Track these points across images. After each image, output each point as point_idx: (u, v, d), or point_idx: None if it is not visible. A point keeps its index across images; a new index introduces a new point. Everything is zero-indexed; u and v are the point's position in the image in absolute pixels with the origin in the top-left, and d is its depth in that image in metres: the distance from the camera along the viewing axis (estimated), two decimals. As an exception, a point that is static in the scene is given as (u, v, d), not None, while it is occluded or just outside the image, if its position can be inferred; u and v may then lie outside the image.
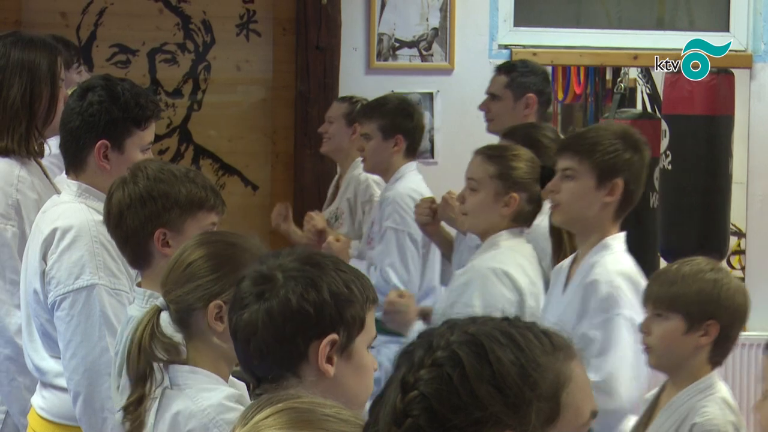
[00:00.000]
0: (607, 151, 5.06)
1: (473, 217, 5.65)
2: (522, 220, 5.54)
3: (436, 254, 6.78)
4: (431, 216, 5.75)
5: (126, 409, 3.54)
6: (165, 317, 3.59)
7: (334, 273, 3.10)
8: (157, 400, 3.52)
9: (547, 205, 5.34)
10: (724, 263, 9.17)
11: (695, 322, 4.38)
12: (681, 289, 4.45)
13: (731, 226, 9.00)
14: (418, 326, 5.43)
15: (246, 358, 3.14)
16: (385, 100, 7.59)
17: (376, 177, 7.47)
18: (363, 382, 3.21)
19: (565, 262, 5.34)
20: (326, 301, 3.04)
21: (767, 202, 9.09)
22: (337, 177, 7.73)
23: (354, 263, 6.05)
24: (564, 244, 5.52)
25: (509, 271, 5.38)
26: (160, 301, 3.60)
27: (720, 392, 4.48)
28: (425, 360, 2.09)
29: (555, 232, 5.53)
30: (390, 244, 7.04)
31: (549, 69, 9.43)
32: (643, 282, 4.95)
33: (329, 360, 3.01)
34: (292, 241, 7.58)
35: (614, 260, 5.02)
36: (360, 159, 7.49)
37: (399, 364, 2.15)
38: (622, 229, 5.23)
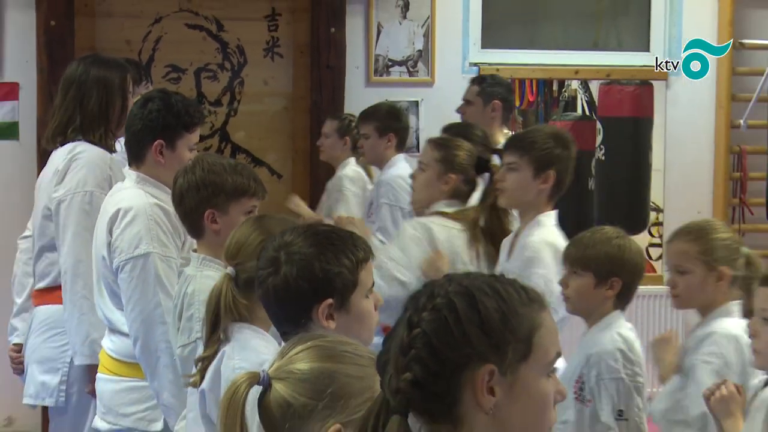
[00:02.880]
0: (542, 148, 5.24)
1: (418, 192, 5.77)
2: (458, 197, 5.56)
3: None
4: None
5: (200, 359, 3.69)
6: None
7: (328, 250, 3.24)
8: (220, 353, 3.60)
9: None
10: (645, 233, 9.44)
11: (602, 278, 4.59)
12: (592, 252, 4.65)
13: (651, 204, 9.38)
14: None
15: (271, 319, 3.38)
16: (378, 107, 7.82)
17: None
18: (365, 326, 3.31)
19: (510, 236, 5.41)
20: (318, 277, 3.19)
21: (680, 185, 9.37)
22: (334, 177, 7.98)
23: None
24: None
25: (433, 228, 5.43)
26: (230, 269, 3.67)
27: (618, 327, 4.65)
28: (427, 305, 2.18)
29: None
30: (385, 217, 7.22)
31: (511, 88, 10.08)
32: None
33: (330, 317, 3.19)
34: (304, 218, 7.46)
35: (543, 233, 5.22)
36: (348, 159, 7.90)
37: (407, 307, 2.24)
38: (558, 207, 5.38)
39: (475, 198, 5.68)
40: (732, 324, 4.30)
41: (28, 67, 8.29)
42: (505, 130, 7.54)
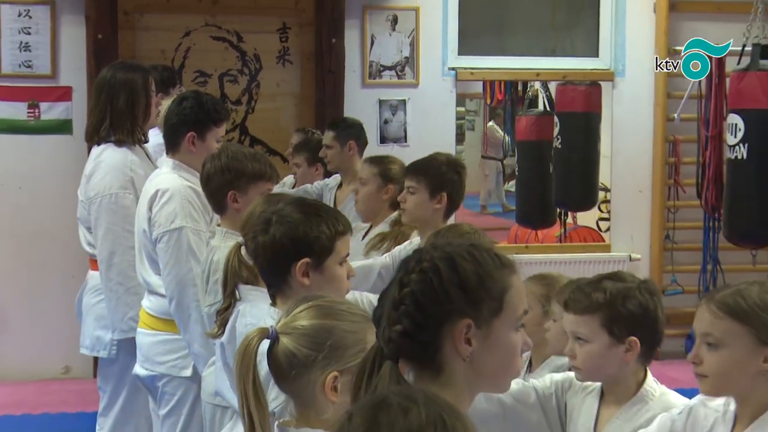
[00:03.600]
0: (436, 174, 5.05)
1: (362, 204, 5.62)
2: (397, 206, 5.28)
3: None
4: None
5: (218, 312, 3.68)
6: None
7: (312, 218, 3.27)
8: (235, 312, 3.56)
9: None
10: (596, 209, 9.54)
11: None
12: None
13: (600, 185, 9.38)
14: None
15: (259, 272, 3.42)
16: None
17: None
18: (335, 289, 3.27)
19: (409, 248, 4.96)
20: (299, 237, 3.23)
21: (624, 169, 9.36)
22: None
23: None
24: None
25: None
26: (240, 239, 3.65)
27: None
28: (415, 268, 2.19)
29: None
30: None
31: (481, 82, 9.95)
32: None
33: (306, 274, 3.21)
34: None
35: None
36: None
37: (399, 269, 2.25)
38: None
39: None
40: None
41: (79, 74, 8.28)
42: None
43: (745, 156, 7.84)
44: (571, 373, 3.41)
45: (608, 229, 9.49)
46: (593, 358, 3.25)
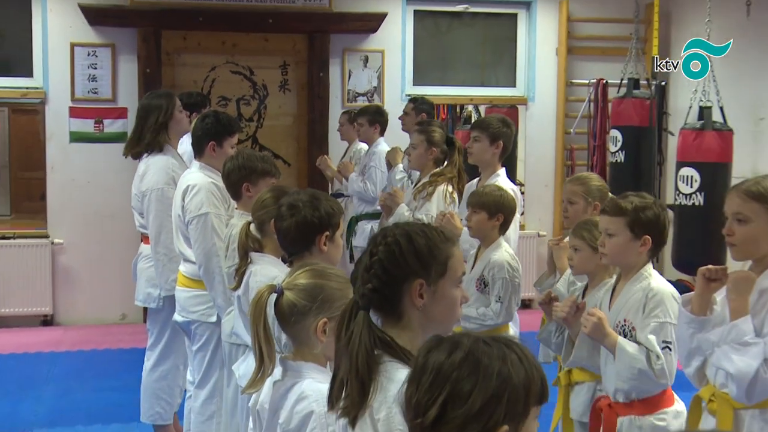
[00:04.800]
0: (494, 126, 5.17)
1: (414, 163, 5.61)
2: (440, 163, 5.39)
3: None
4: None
5: (237, 270, 3.70)
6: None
7: (325, 203, 3.29)
8: (248, 272, 3.63)
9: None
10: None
11: (493, 215, 4.35)
12: (486, 198, 4.38)
13: (518, 180, 8.85)
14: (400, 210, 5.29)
15: (283, 245, 3.39)
16: (369, 106, 7.88)
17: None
18: (339, 253, 3.34)
19: (474, 182, 5.34)
20: (323, 216, 3.24)
21: (534, 169, 9.29)
22: (347, 149, 7.86)
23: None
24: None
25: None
26: (249, 218, 3.74)
27: (505, 248, 4.43)
28: (382, 241, 2.18)
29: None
30: (375, 176, 7.09)
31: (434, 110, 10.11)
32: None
33: (325, 244, 3.23)
34: (326, 176, 7.77)
35: (500, 181, 4.99)
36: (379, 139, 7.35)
37: (369, 242, 2.24)
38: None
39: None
40: None
41: (132, 98, 8.20)
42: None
43: (623, 160, 7.93)
44: None
45: (523, 213, 9.39)
46: (617, 248, 3.32)
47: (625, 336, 3.25)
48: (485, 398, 1.62)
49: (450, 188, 5.25)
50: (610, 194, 4.25)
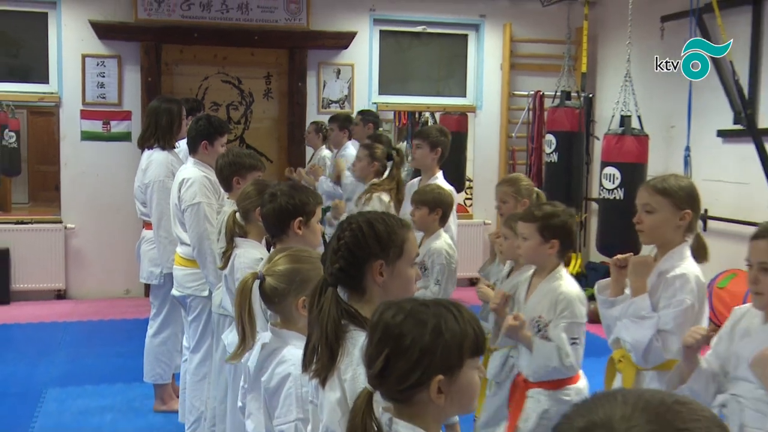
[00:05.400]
0: (434, 135, 5.13)
1: (358, 173, 5.60)
2: (381, 175, 5.42)
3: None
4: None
5: (224, 253, 3.66)
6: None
7: (300, 193, 3.19)
8: (234, 254, 3.56)
9: None
10: (463, 192, 9.26)
11: (433, 210, 4.29)
12: (425, 196, 4.35)
13: (467, 176, 9.28)
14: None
15: (266, 228, 3.31)
16: (339, 113, 7.69)
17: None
18: (316, 239, 3.21)
19: (413, 183, 5.25)
20: (297, 203, 3.13)
21: (481, 168, 9.24)
22: (312, 155, 7.69)
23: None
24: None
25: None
26: (235, 206, 3.69)
27: (445, 239, 4.33)
28: (347, 228, 2.16)
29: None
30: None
31: (393, 112, 9.78)
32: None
33: (299, 228, 3.13)
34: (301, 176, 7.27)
35: (438, 182, 4.86)
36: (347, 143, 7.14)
37: (337, 228, 2.22)
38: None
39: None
40: None
41: (136, 103, 8.19)
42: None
43: (556, 160, 8.02)
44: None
45: (471, 205, 9.52)
46: (529, 250, 3.26)
47: (539, 330, 3.21)
48: (421, 351, 1.62)
49: (386, 197, 5.22)
50: (537, 190, 4.24)
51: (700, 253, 2.96)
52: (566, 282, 3.25)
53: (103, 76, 8.26)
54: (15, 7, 8.09)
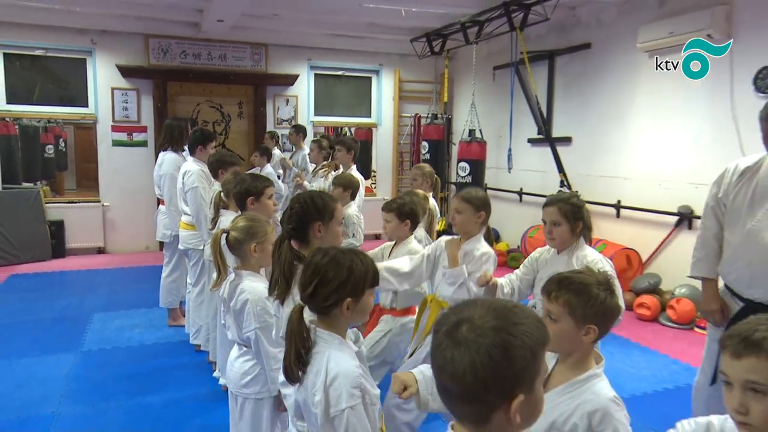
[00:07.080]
0: (352, 145, 4.88)
1: (313, 159, 5.35)
2: (326, 159, 5.12)
3: None
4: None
5: (212, 220, 3.43)
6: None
7: (254, 182, 2.87)
8: (219, 220, 3.27)
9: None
10: (369, 180, 8.89)
11: (346, 189, 4.06)
12: (342, 181, 4.11)
13: (373, 170, 8.83)
14: None
15: (236, 203, 2.87)
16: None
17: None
18: (267, 210, 2.89)
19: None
20: (249, 188, 2.85)
21: (381, 166, 8.85)
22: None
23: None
24: None
25: None
26: (220, 189, 3.49)
27: (352, 208, 4.05)
28: (297, 201, 2.04)
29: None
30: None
31: (323, 128, 9.37)
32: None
33: (252, 204, 2.84)
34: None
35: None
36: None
37: (290, 201, 2.05)
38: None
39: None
40: None
41: (150, 121, 7.88)
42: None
43: (429, 158, 7.98)
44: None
45: (375, 187, 9.37)
46: (392, 230, 2.85)
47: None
48: (339, 281, 1.59)
49: (331, 174, 5.09)
50: (436, 175, 4.11)
51: (487, 237, 2.76)
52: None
53: (127, 102, 7.91)
54: (64, 54, 7.70)
